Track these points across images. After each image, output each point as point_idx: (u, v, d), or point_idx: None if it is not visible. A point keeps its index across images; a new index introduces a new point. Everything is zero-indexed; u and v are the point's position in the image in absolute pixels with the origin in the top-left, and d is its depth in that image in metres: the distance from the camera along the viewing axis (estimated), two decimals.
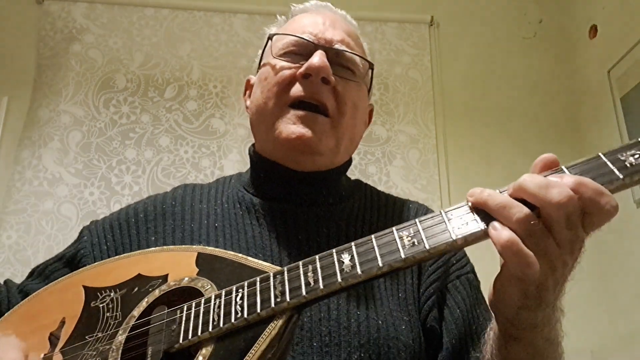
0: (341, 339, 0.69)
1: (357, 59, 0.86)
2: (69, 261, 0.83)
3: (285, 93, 0.81)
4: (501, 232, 0.48)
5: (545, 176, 0.51)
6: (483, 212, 0.51)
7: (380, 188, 0.99)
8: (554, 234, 0.49)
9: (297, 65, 0.81)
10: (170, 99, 2.30)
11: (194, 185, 0.93)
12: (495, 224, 0.49)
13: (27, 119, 2.19)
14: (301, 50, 0.83)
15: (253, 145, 0.90)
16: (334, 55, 0.83)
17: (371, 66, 0.89)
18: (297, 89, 0.80)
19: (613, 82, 2.21)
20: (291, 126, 0.79)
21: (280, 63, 0.83)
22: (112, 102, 2.26)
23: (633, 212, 2.01)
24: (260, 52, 0.93)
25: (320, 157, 0.82)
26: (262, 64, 0.89)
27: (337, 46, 0.83)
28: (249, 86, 0.95)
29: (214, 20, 2.41)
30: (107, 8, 2.39)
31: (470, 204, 0.52)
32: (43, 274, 0.82)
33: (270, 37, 0.87)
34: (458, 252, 0.83)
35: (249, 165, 0.91)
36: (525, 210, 0.48)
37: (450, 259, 0.81)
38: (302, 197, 0.84)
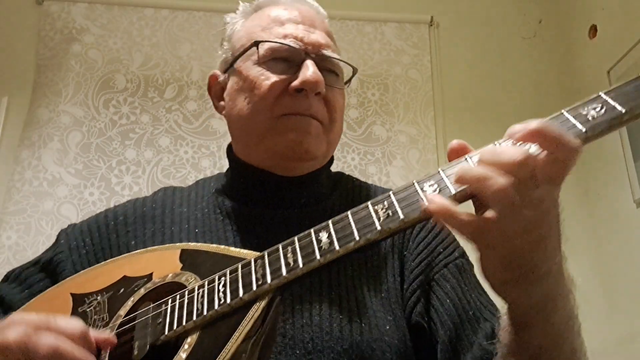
0: (324, 344, 0.68)
1: (342, 64, 0.84)
2: (45, 266, 0.81)
3: (276, 106, 0.78)
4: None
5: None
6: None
7: None
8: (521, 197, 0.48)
9: (286, 76, 0.78)
10: (170, 100, 2.30)
11: (175, 188, 0.91)
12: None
13: (27, 119, 2.19)
14: (288, 57, 0.79)
15: (230, 147, 0.87)
16: (321, 60, 0.80)
17: (355, 71, 0.87)
18: (290, 103, 0.78)
19: (613, 82, 2.20)
20: (288, 134, 0.78)
21: (267, 73, 0.79)
22: (112, 103, 2.26)
23: (633, 212, 2.00)
24: (226, 44, 0.88)
25: (313, 161, 0.82)
26: (239, 66, 0.83)
27: (325, 51, 0.81)
28: (216, 83, 0.90)
29: (213, 21, 2.41)
30: (107, 8, 2.39)
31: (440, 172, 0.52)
32: (18, 279, 0.81)
33: (256, 44, 0.81)
34: (445, 239, 0.80)
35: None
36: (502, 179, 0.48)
37: (437, 248, 0.79)
38: (284, 200, 0.83)
